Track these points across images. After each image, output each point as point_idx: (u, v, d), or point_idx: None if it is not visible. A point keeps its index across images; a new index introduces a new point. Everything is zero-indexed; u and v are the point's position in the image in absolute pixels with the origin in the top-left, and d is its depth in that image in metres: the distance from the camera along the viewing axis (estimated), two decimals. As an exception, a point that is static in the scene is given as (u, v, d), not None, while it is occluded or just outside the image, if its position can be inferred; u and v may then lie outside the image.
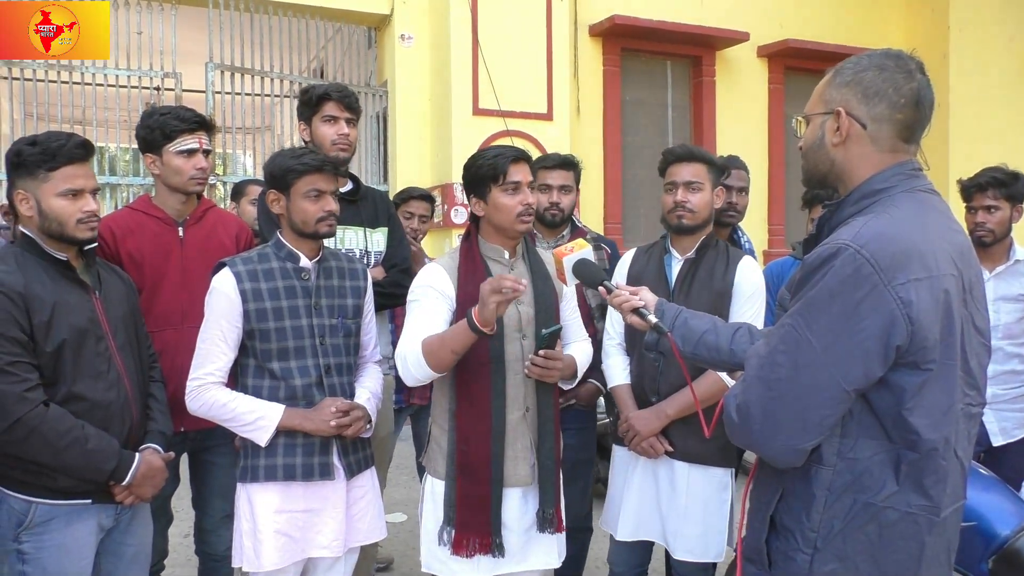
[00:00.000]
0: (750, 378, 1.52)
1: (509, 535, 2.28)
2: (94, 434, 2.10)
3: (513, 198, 2.26)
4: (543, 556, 2.33)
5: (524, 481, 2.28)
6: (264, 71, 7.04)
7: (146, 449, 2.26)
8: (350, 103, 2.84)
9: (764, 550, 1.57)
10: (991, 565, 2.11)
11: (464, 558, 2.25)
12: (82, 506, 2.14)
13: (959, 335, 1.46)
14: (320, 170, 2.31)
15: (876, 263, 1.39)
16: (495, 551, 2.24)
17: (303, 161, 2.30)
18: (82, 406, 2.11)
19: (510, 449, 2.26)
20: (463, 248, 2.36)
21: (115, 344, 2.22)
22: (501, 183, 2.25)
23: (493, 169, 2.25)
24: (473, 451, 2.25)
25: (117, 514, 2.24)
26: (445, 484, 2.29)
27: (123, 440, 2.20)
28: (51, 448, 2.04)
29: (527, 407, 2.29)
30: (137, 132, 2.67)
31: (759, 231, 8.46)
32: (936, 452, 1.45)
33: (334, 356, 2.37)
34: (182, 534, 3.76)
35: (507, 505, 2.28)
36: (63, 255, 2.15)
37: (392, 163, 7.39)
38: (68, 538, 2.12)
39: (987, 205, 3.07)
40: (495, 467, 2.24)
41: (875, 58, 1.56)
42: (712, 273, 2.57)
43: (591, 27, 7.76)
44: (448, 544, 2.26)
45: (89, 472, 2.11)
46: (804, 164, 1.68)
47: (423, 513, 2.38)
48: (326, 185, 2.32)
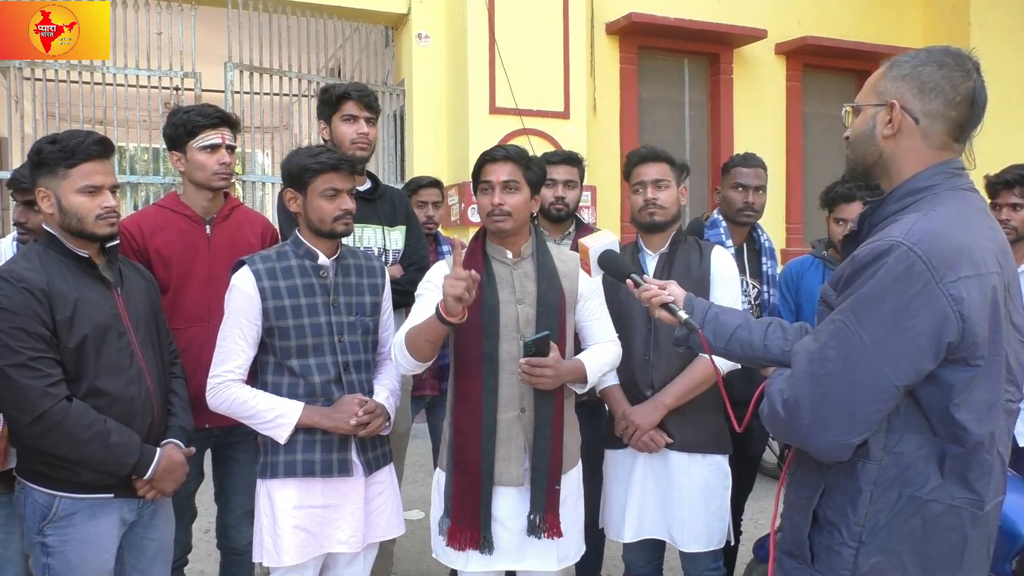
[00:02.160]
0: (799, 373, 1.52)
1: (503, 532, 2.29)
2: (116, 428, 2.12)
3: (484, 197, 2.31)
4: (539, 559, 2.32)
5: (515, 482, 2.28)
6: (282, 71, 7.08)
7: (167, 444, 2.29)
8: (369, 102, 2.86)
9: (807, 544, 1.59)
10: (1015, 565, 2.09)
11: (458, 550, 2.29)
12: (105, 500, 2.17)
13: (1004, 331, 1.47)
14: (336, 168, 2.32)
15: (928, 261, 1.40)
16: (484, 547, 2.26)
17: (319, 160, 2.31)
18: (104, 401, 2.14)
19: (502, 448, 2.27)
20: (471, 247, 2.39)
21: (137, 340, 2.24)
22: (478, 183, 2.33)
23: (476, 169, 2.34)
24: (466, 448, 2.28)
25: (139, 508, 2.27)
26: (446, 476, 2.34)
27: (144, 435, 2.22)
28: (74, 442, 2.06)
29: (523, 408, 2.29)
30: (164, 131, 2.71)
31: (777, 230, 8.41)
32: (981, 447, 1.47)
33: (352, 353, 2.38)
34: (203, 529, 3.79)
35: (501, 503, 2.29)
36: (85, 252, 2.18)
37: (409, 162, 7.41)
38: (91, 531, 2.15)
39: (1013, 202, 3.04)
40: (485, 465, 2.26)
41: (934, 54, 1.56)
42: (688, 265, 2.62)
43: (608, 25, 7.74)
44: (444, 535, 2.32)
45: (111, 466, 2.14)
46: (850, 154, 1.67)
47: (432, 503, 2.44)
48: (343, 184, 2.33)
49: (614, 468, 2.71)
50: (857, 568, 1.51)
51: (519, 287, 2.32)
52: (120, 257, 2.35)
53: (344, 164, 2.35)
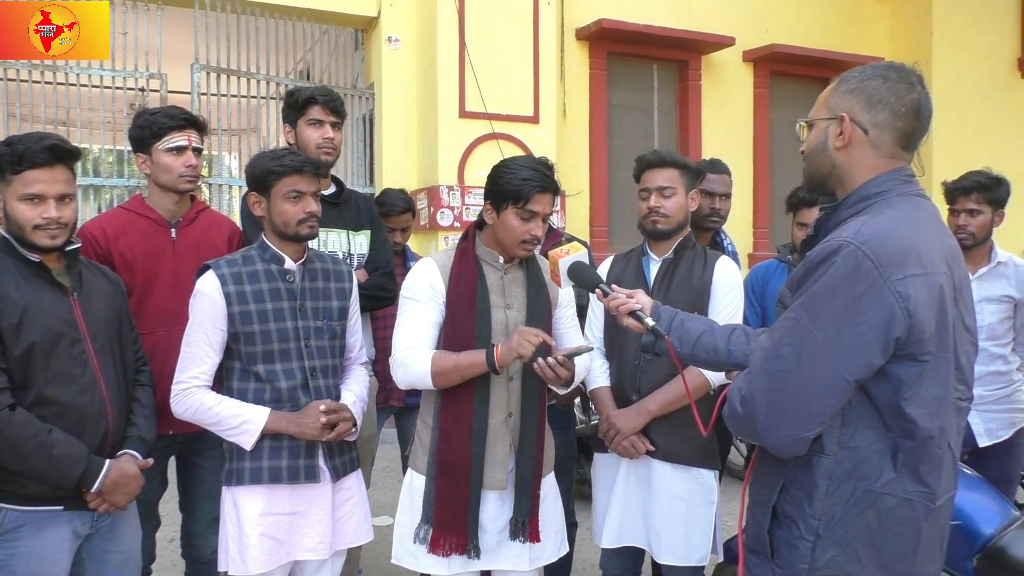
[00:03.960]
0: (755, 370, 1.57)
1: (483, 535, 2.29)
2: (61, 439, 2.06)
3: (524, 225, 2.25)
4: (513, 559, 2.32)
5: (499, 485, 2.29)
6: (250, 73, 7.01)
7: (123, 455, 2.23)
8: (336, 107, 2.84)
9: (767, 540, 1.63)
10: (975, 563, 2.13)
11: (439, 556, 2.26)
12: (54, 512, 2.11)
13: (951, 330, 1.53)
14: (300, 171, 2.30)
15: (876, 259, 1.46)
16: (471, 552, 2.26)
17: (282, 163, 2.29)
18: (53, 410, 2.08)
19: (489, 452, 2.27)
20: (460, 248, 2.37)
21: (93, 347, 2.19)
22: (520, 206, 2.24)
23: (518, 191, 2.22)
24: (454, 452, 2.26)
25: (94, 521, 2.21)
26: (425, 482, 2.31)
27: (97, 445, 2.16)
28: (16, 453, 2.01)
29: (509, 412, 2.30)
30: (128, 132, 2.67)
31: (744, 235, 8.51)
32: (932, 440, 1.52)
33: (319, 358, 2.36)
34: (167, 538, 3.73)
35: (484, 507, 2.29)
36: (36, 257, 2.12)
37: (378, 165, 7.38)
38: (39, 545, 2.09)
39: (970, 208, 3.11)
40: (475, 469, 2.25)
41: (879, 69, 1.64)
42: (690, 272, 2.60)
43: (578, 31, 7.78)
44: (425, 542, 2.28)
45: (56, 478, 2.07)
46: (806, 166, 1.74)
47: (400, 505, 2.39)
48: (306, 186, 2.31)
49: (601, 471, 2.71)
50: (815, 561, 1.55)
51: (508, 292, 2.33)
52: (85, 261, 2.30)
53: (307, 166, 2.33)
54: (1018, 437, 3.21)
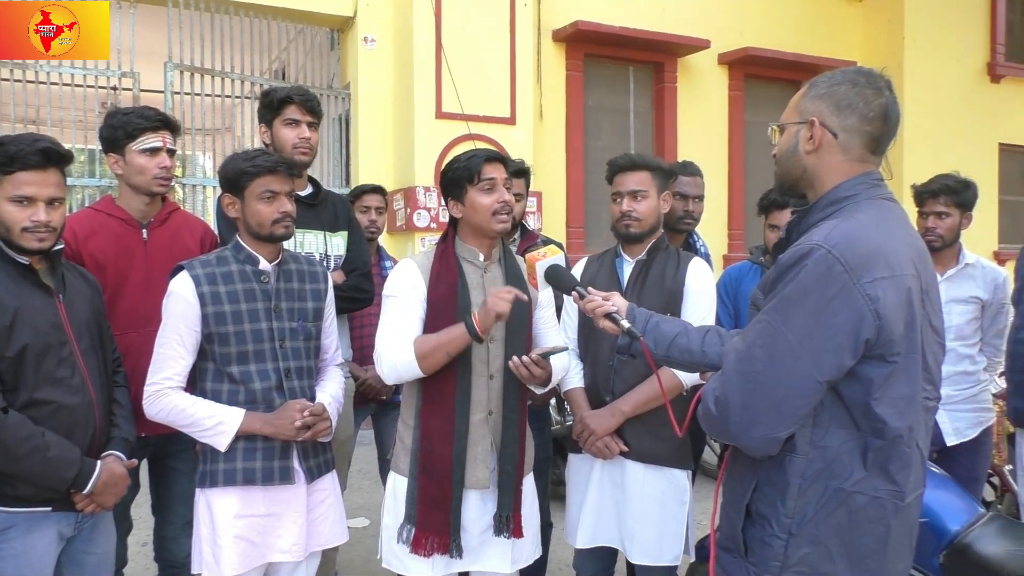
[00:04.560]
0: (728, 371, 1.59)
1: (465, 536, 2.29)
2: (55, 441, 2.06)
3: (489, 196, 2.28)
4: (495, 559, 2.33)
5: (481, 484, 2.29)
6: (224, 72, 6.95)
7: (108, 456, 2.23)
8: (312, 106, 2.82)
9: (740, 538, 1.65)
10: (942, 560, 2.16)
11: (421, 556, 2.26)
12: (42, 514, 2.10)
13: (919, 331, 1.56)
14: (273, 171, 2.29)
15: (846, 262, 1.48)
16: (453, 552, 2.26)
17: (256, 163, 2.28)
18: (44, 412, 2.07)
19: (470, 451, 2.27)
20: (439, 249, 2.38)
21: (79, 349, 2.18)
22: (476, 182, 2.28)
23: (468, 170, 2.28)
24: (436, 451, 2.26)
25: (78, 523, 2.20)
26: (408, 482, 2.31)
27: (86, 446, 2.16)
28: (11, 455, 2.00)
29: (490, 410, 2.31)
30: (100, 132, 2.63)
31: (719, 236, 8.58)
32: (901, 440, 1.55)
33: (294, 360, 2.35)
34: (140, 542, 3.70)
35: (466, 507, 2.29)
36: (24, 259, 2.10)
37: (354, 166, 7.35)
38: (27, 546, 2.08)
39: (938, 211, 3.16)
40: (457, 468, 2.25)
41: (848, 74, 1.67)
42: (663, 274, 2.61)
43: (555, 32, 7.80)
44: (407, 542, 2.28)
45: (50, 480, 2.07)
46: (777, 170, 1.77)
47: (385, 508, 2.39)
48: (280, 186, 2.30)
49: (575, 472, 2.72)
50: (787, 559, 1.58)
51: (488, 291, 2.33)
52: (65, 262, 2.28)
53: (281, 166, 2.32)
54: (985, 436, 3.27)
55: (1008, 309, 3.22)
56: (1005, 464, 4.10)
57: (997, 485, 4.35)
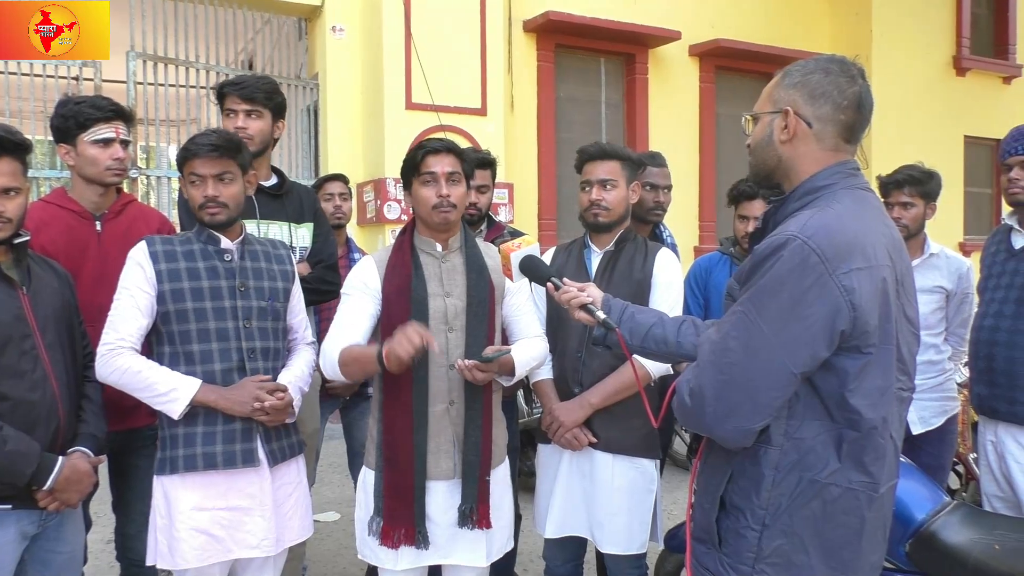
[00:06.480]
0: (703, 363, 1.58)
1: (434, 528, 2.28)
2: (13, 436, 2.01)
3: (429, 189, 2.28)
4: (468, 553, 2.32)
5: (446, 475, 2.28)
6: (189, 61, 6.83)
7: (74, 452, 2.18)
8: (248, 94, 2.75)
9: (715, 529, 1.64)
10: (908, 548, 2.18)
11: (390, 548, 2.26)
12: (2, 512, 2.05)
13: (894, 321, 1.55)
14: (196, 155, 2.24)
15: (822, 253, 1.47)
16: (419, 542, 2.25)
17: (185, 146, 2.27)
18: (4, 406, 2.02)
19: (432, 442, 2.26)
20: (398, 241, 2.37)
21: (43, 342, 2.13)
22: (418, 175, 2.29)
23: (412, 161, 2.30)
24: (397, 443, 2.26)
25: (42, 521, 2.15)
26: (375, 475, 2.31)
27: (48, 442, 2.11)
28: None
29: (451, 400, 2.28)
30: (51, 122, 2.56)
31: (690, 228, 8.62)
32: (875, 431, 1.55)
33: (260, 340, 2.30)
34: (104, 540, 3.63)
35: (432, 498, 2.28)
36: None
37: (323, 157, 7.27)
38: None
39: (903, 202, 3.18)
40: (418, 459, 2.24)
41: (821, 62, 1.64)
42: (631, 264, 2.62)
43: (525, 23, 7.77)
44: (376, 534, 2.28)
45: (7, 475, 2.02)
46: (752, 160, 1.75)
47: (357, 503, 2.40)
48: (206, 170, 2.25)
49: (544, 462, 2.72)
50: (761, 550, 1.57)
51: (447, 280, 2.31)
52: (33, 255, 2.23)
53: (204, 149, 2.24)
54: (949, 424, 3.30)
55: (972, 299, 3.25)
56: (969, 452, 4.16)
57: (962, 473, 4.41)
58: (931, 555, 2.14)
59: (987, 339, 2.86)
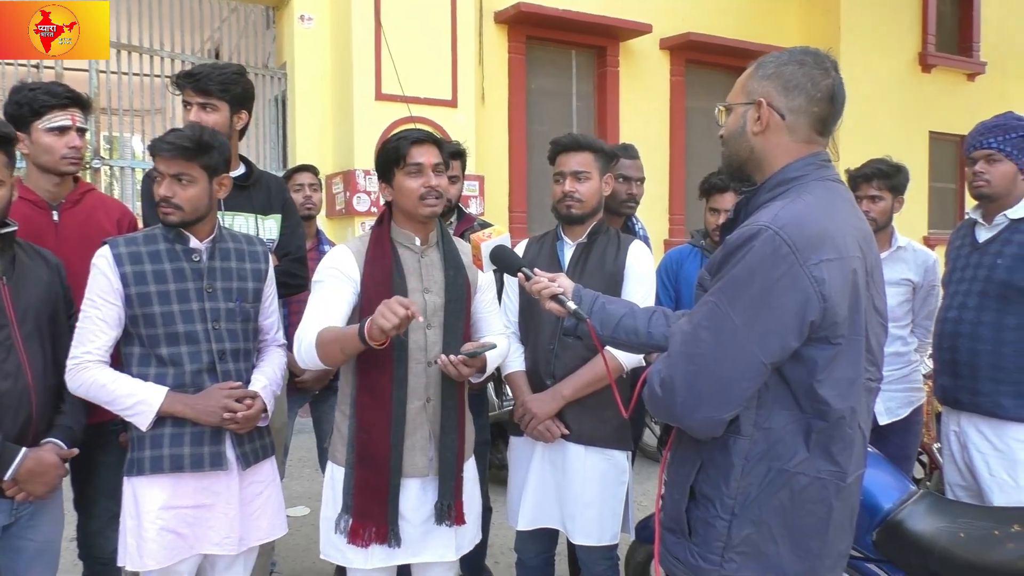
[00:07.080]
0: (674, 353, 1.58)
1: (406, 526, 2.25)
2: None
3: (415, 180, 2.24)
4: (439, 549, 2.30)
5: (420, 472, 2.26)
6: (153, 50, 6.70)
7: (46, 444, 2.16)
8: (200, 86, 2.69)
9: (684, 519, 1.65)
10: (875, 537, 2.20)
11: (359, 547, 2.22)
12: None
13: (863, 313, 1.56)
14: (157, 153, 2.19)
15: (793, 244, 1.48)
16: (391, 541, 2.22)
17: (152, 142, 2.24)
18: None
19: (408, 439, 2.24)
20: (374, 233, 2.32)
21: (20, 332, 2.10)
22: (403, 166, 2.24)
23: (396, 152, 2.24)
24: (373, 440, 2.22)
25: (15, 510, 2.13)
26: (344, 472, 2.26)
27: (17, 433, 2.09)
28: None
29: (428, 397, 2.27)
30: (4, 108, 2.50)
31: (661, 220, 8.65)
32: (843, 421, 1.56)
33: (230, 341, 2.27)
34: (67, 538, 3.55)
35: (405, 496, 2.25)
36: None
37: (292, 148, 7.18)
38: None
39: (871, 195, 3.21)
40: (394, 457, 2.21)
41: (795, 54, 1.65)
42: (604, 256, 2.61)
43: (496, 14, 7.73)
44: (345, 533, 2.23)
45: None
46: (725, 151, 1.75)
47: (323, 500, 2.35)
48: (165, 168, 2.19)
49: (516, 454, 2.72)
50: (730, 539, 1.58)
51: (426, 276, 2.29)
52: (24, 244, 2.20)
53: (163, 148, 2.19)
54: (915, 415, 3.36)
55: (938, 291, 3.30)
56: (934, 442, 4.23)
57: (926, 463, 4.49)
58: (898, 543, 2.17)
59: (951, 331, 2.90)
